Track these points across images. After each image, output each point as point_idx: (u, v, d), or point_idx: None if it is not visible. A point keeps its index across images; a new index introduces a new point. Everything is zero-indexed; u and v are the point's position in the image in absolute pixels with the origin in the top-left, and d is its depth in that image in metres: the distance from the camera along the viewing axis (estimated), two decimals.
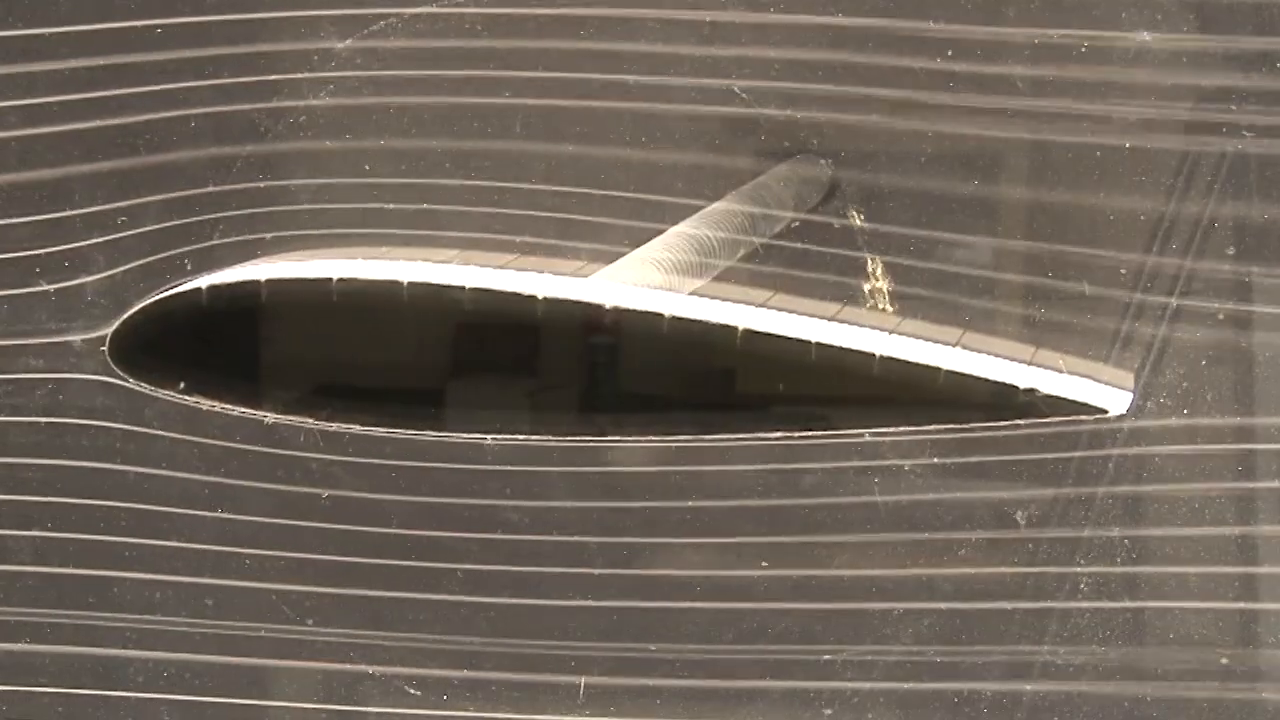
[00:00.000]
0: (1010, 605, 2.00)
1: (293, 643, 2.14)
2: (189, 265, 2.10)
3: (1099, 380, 1.95)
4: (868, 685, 2.04)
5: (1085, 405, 1.95)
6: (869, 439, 2.00)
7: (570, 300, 1.99)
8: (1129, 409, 1.95)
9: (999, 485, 1.99)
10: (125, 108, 2.09)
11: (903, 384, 1.97)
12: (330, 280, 2.06)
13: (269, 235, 2.09)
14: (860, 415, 2.01)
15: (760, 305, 1.99)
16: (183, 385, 2.14)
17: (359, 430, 2.09)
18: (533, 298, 2.00)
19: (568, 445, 2.07)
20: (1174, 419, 1.95)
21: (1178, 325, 1.95)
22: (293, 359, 2.32)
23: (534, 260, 2.04)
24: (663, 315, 1.96)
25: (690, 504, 2.04)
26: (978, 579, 2.01)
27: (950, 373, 1.96)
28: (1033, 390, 1.95)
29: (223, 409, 2.13)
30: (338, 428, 2.10)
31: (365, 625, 2.12)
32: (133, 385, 2.14)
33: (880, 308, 1.99)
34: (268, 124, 2.07)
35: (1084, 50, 1.92)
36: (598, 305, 1.97)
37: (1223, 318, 1.94)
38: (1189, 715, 1.99)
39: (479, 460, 2.07)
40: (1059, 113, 1.94)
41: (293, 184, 2.08)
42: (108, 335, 2.13)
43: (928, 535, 2.01)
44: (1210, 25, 1.90)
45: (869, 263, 1.99)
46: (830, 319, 1.99)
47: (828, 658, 2.04)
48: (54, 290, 2.14)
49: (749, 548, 2.05)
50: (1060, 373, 1.95)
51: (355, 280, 2.05)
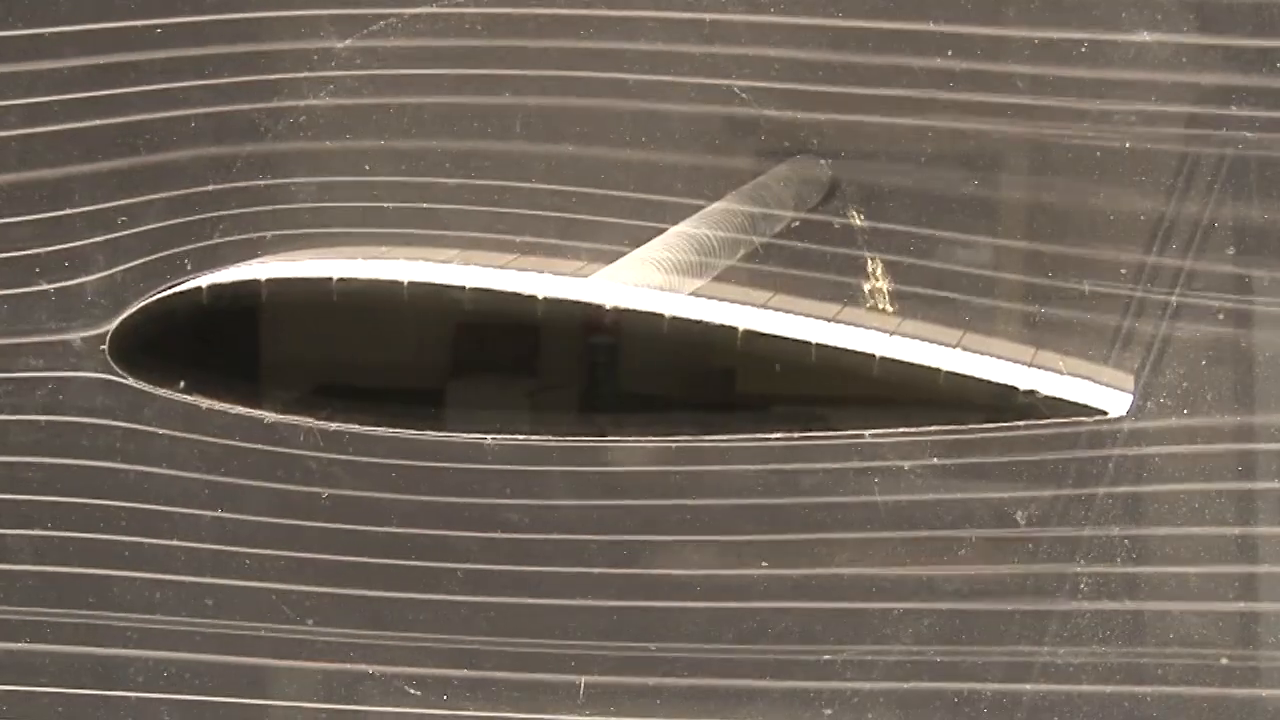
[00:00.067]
0: (1010, 605, 2.00)
1: (293, 643, 2.14)
2: (189, 265, 2.10)
3: (1099, 381, 1.95)
4: (868, 685, 2.04)
5: (1085, 407, 1.95)
6: (869, 439, 2.00)
7: (570, 300, 1.99)
8: (1129, 410, 1.95)
9: (999, 485, 1.98)
10: (125, 107, 2.08)
11: (903, 385, 1.97)
12: (330, 280, 2.06)
13: (269, 235, 2.09)
14: (860, 416, 2.01)
15: (760, 305, 1.99)
16: (183, 384, 2.14)
17: (359, 430, 2.09)
18: (533, 298, 2.00)
19: (568, 445, 2.07)
20: (1174, 419, 1.95)
21: (1178, 325, 1.95)
22: (293, 359, 2.32)
23: (534, 260, 2.04)
24: (663, 315, 1.96)
25: (690, 504, 2.04)
26: (978, 579, 2.01)
27: (950, 374, 1.96)
28: (1033, 392, 1.95)
29: (223, 408, 2.13)
30: (338, 427, 2.10)
31: (365, 625, 2.12)
32: (133, 384, 2.13)
33: (880, 307, 1.99)
34: (268, 124, 2.07)
35: (1084, 50, 1.92)
36: (598, 305, 1.97)
37: (1223, 317, 1.94)
38: (1189, 715, 1.99)
39: (479, 460, 2.07)
40: (1059, 113, 1.94)
41: (293, 184, 2.08)
42: (108, 334, 2.13)
43: (928, 535, 2.01)
44: (1210, 25, 1.90)
45: (869, 263, 1.99)
46: (830, 319, 1.99)
47: (828, 658, 2.04)
48: (54, 290, 2.13)
49: (749, 548, 2.04)
50: (1060, 374, 1.95)
51: (355, 280, 2.05)
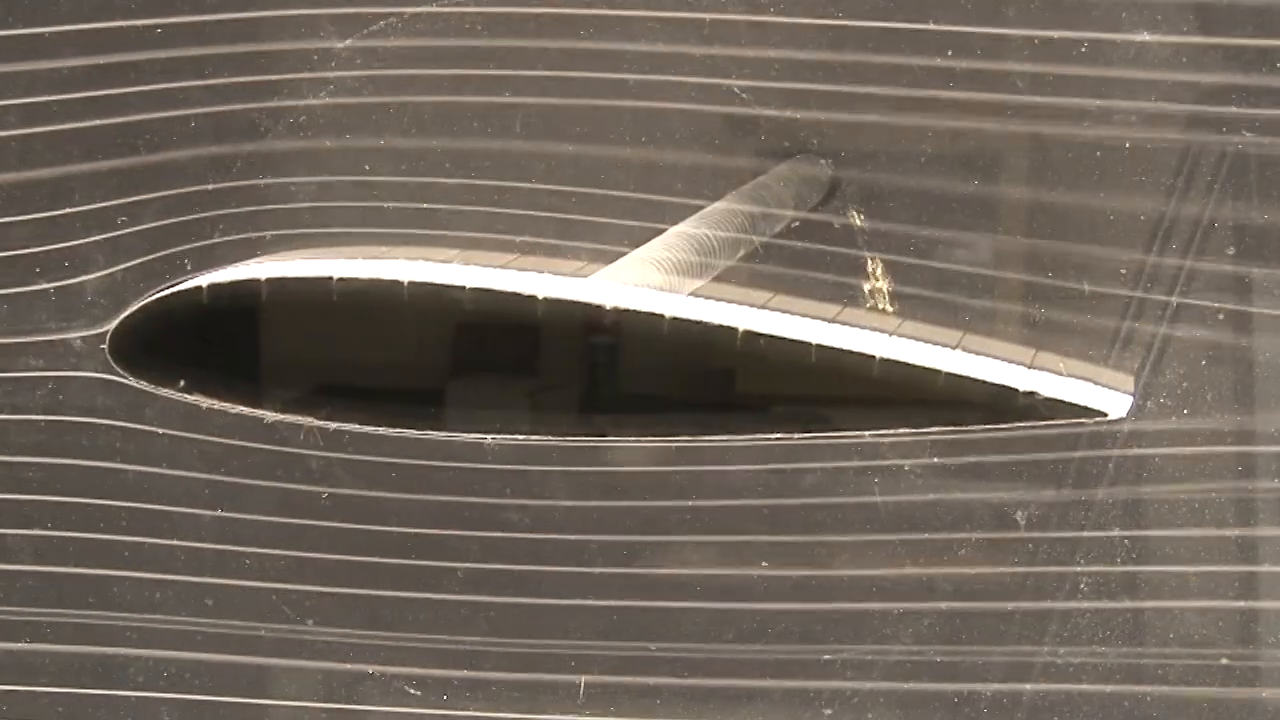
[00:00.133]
0: (1010, 605, 2.00)
1: (293, 642, 2.14)
2: (189, 264, 2.10)
3: (1099, 383, 1.95)
4: (868, 685, 2.04)
5: (1085, 409, 1.95)
6: (869, 439, 2.00)
7: (570, 300, 1.99)
8: (1129, 411, 1.95)
9: (999, 485, 1.98)
10: (125, 107, 2.08)
11: (903, 385, 1.97)
12: (330, 280, 2.06)
13: (269, 234, 2.09)
14: (860, 416, 2.01)
15: (760, 306, 1.99)
16: (183, 384, 2.14)
17: (359, 430, 2.09)
18: (533, 298, 2.00)
19: (568, 445, 2.07)
20: (1174, 419, 1.95)
21: (1178, 325, 1.95)
22: (293, 358, 2.32)
23: (534, 260, 2.04)
24: (663, 315, 1.96)
25: (690, 504, 2.04)
26: (978, 579, 2.01)
27: (950, 375, 1.96)
28: (1033, 393, 1.95)
29: (223, 408, 2.13)
30: (337, 427, 2.10)
31: (365, 625, 2.12)
32: (133, 384, 2.13)
33: (880, 307, 1.99)
34: (267, 123, 2.07)
35: (1084, 50, 1.92)
36: (598, 305, 1.97)
37: (1223, 318, 1.94)
38: (1189, 715, 1.99)
39: (479, 460, 2.07)
40: (1059, 113, 1.94)
41: (293, 183, 2.08)
42: (108, 334, 2.13)
43: (928, 535, 2.01)
44: (1210, 25, 1.90)
45: (869, 263, 1.99)
46: (831, 320, 1.99)
47: (828, 658, 2.04)
48: (54, 289, 2.13)
49: (749, 548, 2.04)
50: (1060, 375, 1.95)
51: (355, 280, 2.05)
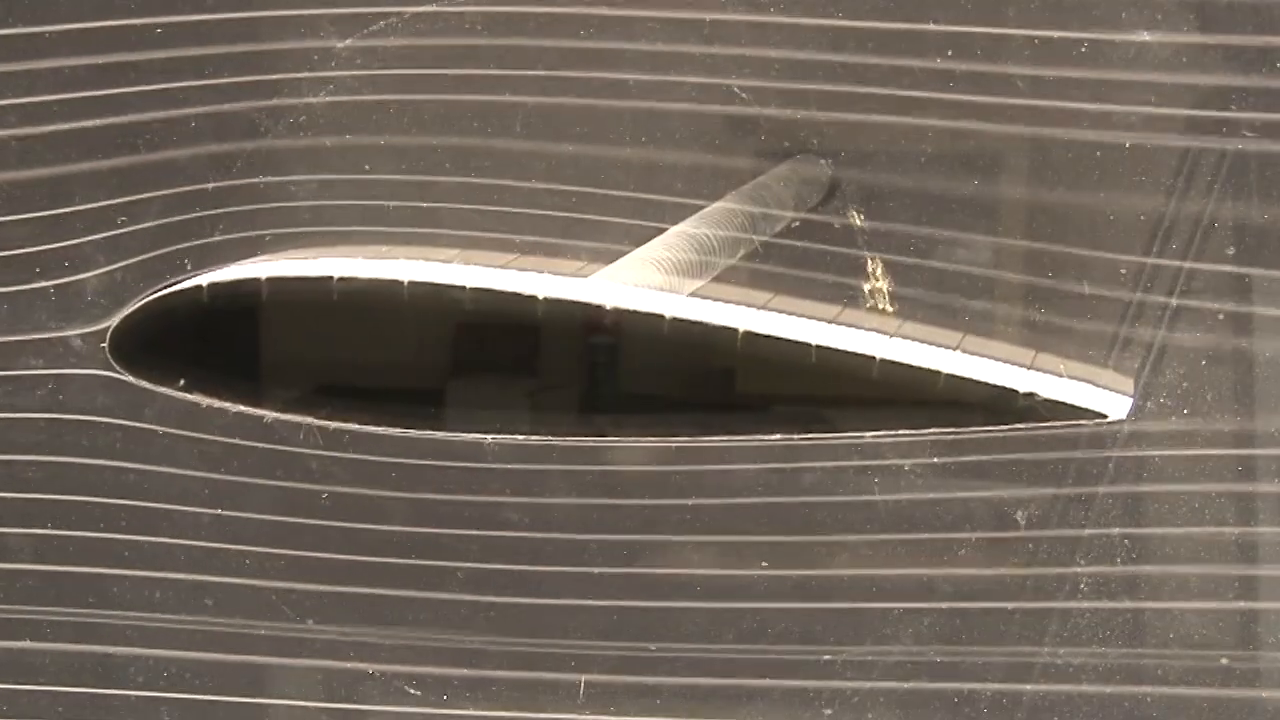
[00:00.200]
0: (1010, 605, 2.00)
1: (293, 642, 2.14)
2: (189, 264, 2.10)
3: (1098, 384, 1.95)
4: (868, 685, 2.04)
5: (1085, 410, 1.95)
6: (869, 439, 2.00)
7: (570, 300, 1.99)
8: (1129, 412, 1.95)
9: (999, 485, 1.98)
10: (125, 107, 2.08)
11: (903, 386, 1.97)
12: (330, 279, 2.06)
13: (269, 234, 2.09)
14: (860, 416, 2.01)
15: (760, 306, 1.99)
16: (183, 383, 2.14)
17: (359, 430, 2.09)
18: (533, 298, 2.00)
19: (568, 445, 2.07)
20: (1174, 419, 1.95)
21: (1177, 326, 1.95)
22: (293, 358, 2.33)
23: (534, 260, 2.04)
24: (663, 315, 1.96)
25: (690, 504, 2.04)
26: (978, 579, 2.01)
27: (950, 376, 1.96)
28: (1033, 394, 1.95)
29: (223, 407, 2.13)
30: (337, 427, 2.10)
31: (365, 624, 2.12)
32: (133, 383, 2.13)
33: (880, 308, 1.99)
34: (268, 123, 2.07)
35: (1084, 50, 1.92)
36: (598, 305, 1.97)
37: (1223, 318, 1.94)
38: (1189, 715, 1.99)
39: (479, 460, 2.07)
40: (1059, 113, 1.93)
41: (293, 183, 2.08)
42: (108, 333, 2.13)
43: (927, 535, 2.01)
44: (1210, 25, 1.90)
45: (869, 263, 1.99)
46: (831, 321, 1.99)
47: (828, 658, 2.04)
48: (54, 289, 2.13)
49: (749, 548, 2.04)
50: (1060, 376, 1.95)
51: (355, 279, 2.05)
